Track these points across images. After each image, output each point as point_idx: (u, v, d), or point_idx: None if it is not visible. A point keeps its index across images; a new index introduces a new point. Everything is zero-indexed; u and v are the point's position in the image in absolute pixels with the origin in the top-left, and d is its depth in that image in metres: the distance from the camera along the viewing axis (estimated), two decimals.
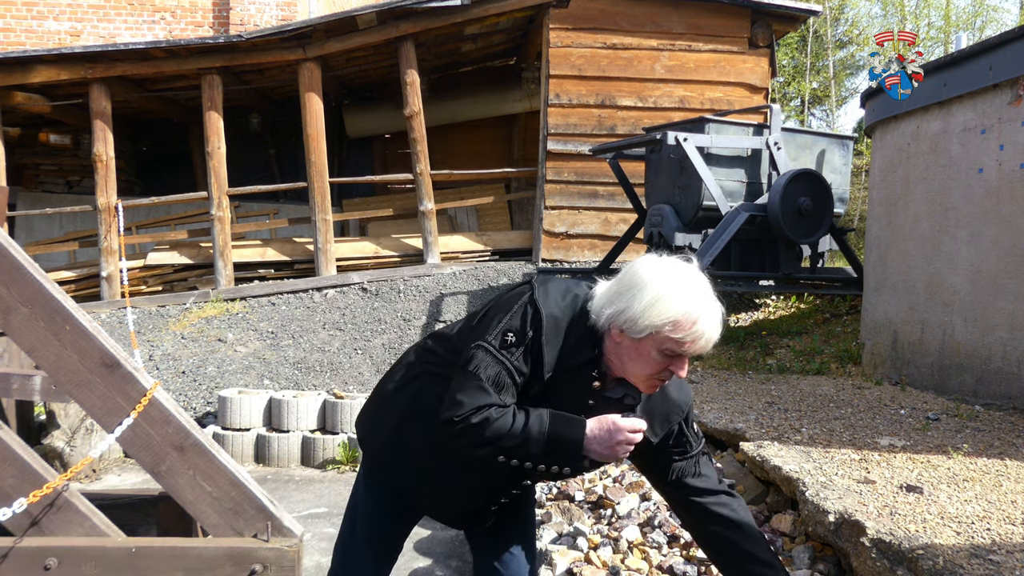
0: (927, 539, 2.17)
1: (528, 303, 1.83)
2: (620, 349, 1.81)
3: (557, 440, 1.79)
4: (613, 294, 1.81)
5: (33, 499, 2.22)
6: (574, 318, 1.84)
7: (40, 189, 11.78)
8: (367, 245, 9.90)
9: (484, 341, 1.81)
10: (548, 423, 1.79)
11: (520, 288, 1.89)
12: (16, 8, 11.36)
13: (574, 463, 1.83)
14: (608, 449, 1.81)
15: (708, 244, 6.62)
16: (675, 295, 1.73)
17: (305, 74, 9.21)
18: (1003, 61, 4.26)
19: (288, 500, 5.43)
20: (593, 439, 1.80)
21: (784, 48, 23.65)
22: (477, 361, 1.80)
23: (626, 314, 1.75)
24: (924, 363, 4.82)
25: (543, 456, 1.80)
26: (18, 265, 2.39)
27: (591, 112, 9.42)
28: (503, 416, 1.78)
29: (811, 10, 10.43)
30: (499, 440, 1.78)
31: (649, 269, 1.78)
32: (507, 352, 1.80)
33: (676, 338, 1.74)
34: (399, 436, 2.07)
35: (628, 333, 1.77)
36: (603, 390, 1.87)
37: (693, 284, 1.76)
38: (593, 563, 2.65)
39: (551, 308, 1.82)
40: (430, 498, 2.12)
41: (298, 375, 7.63)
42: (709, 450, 3.54)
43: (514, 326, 1.81)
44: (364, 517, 2.20)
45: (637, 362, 1.80)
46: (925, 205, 4.88)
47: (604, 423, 1.81)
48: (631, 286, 1.78)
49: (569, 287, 1.89)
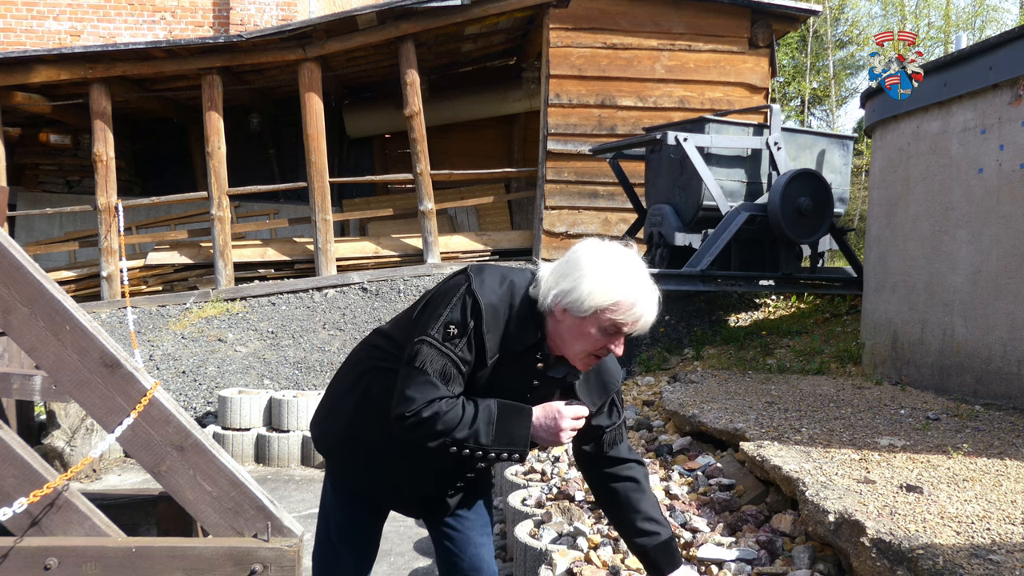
0: (927, 539, 2.17)
1: (467, 293, 1.90)
2: (562, 328, 1.91)
3: (505, 430, 1.89)
4: (559, 275, 1.90)
5: (33, 499, 2.22)
6: (513, 304, 1.93)
7: (40, 189, 11.78)
8: (367, 245, 9.90)
9: (427, 336, 1.88)
10: (496, 414, 1.89)
11: (456, 279, 1.96)
12: (16, 8, 11.35)
13: (522, 451, 1.93)
14: (553, 435, 1.93)
15: (708, 244, 6.62)
16: (617, 278, 1.86)
17: (305, 74, 9.21)
18: (1003, 61, 4.26)
19: (288, 500, 5.43)
20: (539, 427, 1.92)
21: (784, 48, 23.65)
22: (423, 356, 1.87)
23: (572, 294, 1.85)
24: (924, 363, 4.82)
25: (492, 445, 1.89)
26: (18, 265, 2.39)
27: (591, 112, 9.42)
28: (453, 408, 1.87)
29: (811, 10, 10.43)
30: (450, 432, 1.86)
31: (593, 253, 1.89)
32: (451, 344, 1.87)
33: (616, 318, 1.86)
34: (353, 433, 2.13)
35: (572, 312, 1.87)
36: (546, 370, 1.98)
37: (634, 269, 1.89)
38: (593, 563, 2.65)
39: (489, 297, 1.90)
40: (389, 490, 2.17)
41: (298, 375, 7.64)
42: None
43: (455, 318, 1.88)
44: (336, 521, 2.23)
45: (579, 340, 1.90)
46: (925, 205, 4.88)
47: (549, 412, 1.93)
48: (576, 268, 1.88)
49: (504, 274, 1.98)
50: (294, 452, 6.49)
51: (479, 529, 2.28)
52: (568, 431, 1.93)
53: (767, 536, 2.68)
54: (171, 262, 9.75)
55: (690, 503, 3.19)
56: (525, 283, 1.97)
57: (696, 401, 4.46)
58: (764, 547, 2.63)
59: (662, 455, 3.94)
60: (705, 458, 3.70)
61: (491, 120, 12.25)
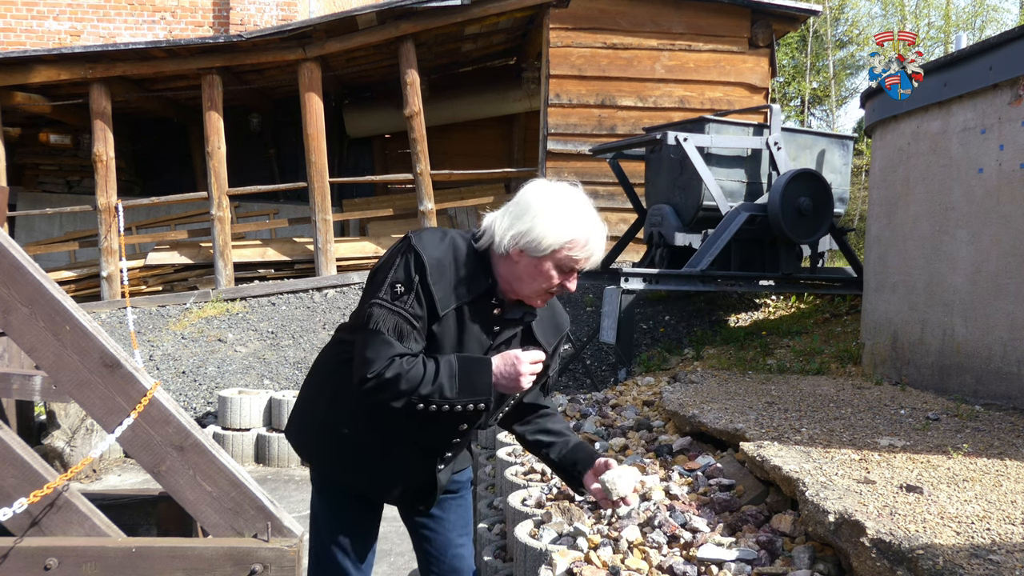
0: (927, 539, 2.17)
1: (407, 250, 1.95)
2: (519, 268, 1.97)
3: (468, 381, 1.95)
4: (513, 218, 1.96)
5: (33, 499, 2.22)
6: (458, 256, 1.98)
7: (40, 189, 11.79)
8: (367, 245, 9.90)
9: (377, 299, 1.93)
10: (457, 367, 1.95)
11: (396, 245, 2.01)
12: (16, 8, 11.35)
13: (486, 399, 1.98)
14: (514, 381, 1.98)
15: (708, 244, 6.62)
16: (573, 217, 1.93)
17: (305, 74, 9.21)
18: (1003, 61, 4.26)
19: (288, 500, 5.43)
20: (500, 375, 1.98)
21: (784, 48, 23.64)
22: (375, 318, 1.91)
23: (530, 235, 1.92)
24: (924, 363, 4.82)
25: (458, 398, 1.94)
26: (18, 265, 2.39)
27: (591, 112, 9.42)
28: (414, 367, 1.91)
29: (811, 10, 10.43)
30: (415, 390, 1.90)
31: (544, 194, 1.96)
32: (399, 302, 1.92)
33: (572, 255, 1.93)
34: (331, 431, 2.14)
35: (529, 252, 1.93)
36: (503, 314, 2.04)
37: (585, 207, 1.96)
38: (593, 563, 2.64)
39: (430, 251, 1.95)
40: (375, 481, 2.18)
41: (298, 375, 7.63)
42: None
43: (399, 277, 1.93)
44: (327, 524, 2.23)
45: (536, 279, 1.96)
46: (925, 205, 4.88)
47: (507, 359, 1.99)
48: (528, 210, 1.94)
49: (444, 232, 2.03)
50: (294, 452, 6.48)
51: (458, 530, 2.31)
52: (527, 376, 1.99)
53: (767, 536, 2.67)
54: (171, 262, 9.75)
55: (690, 503, 3.19)
56: (467, 237, 2.03)
57: (696, 401, 4.45)
58: (764, 547, 2.62)
59: (662, 455, 3.94)
60: (705, 458, 3.70)
61: (491, 120, 12.25)
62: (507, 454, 4.28)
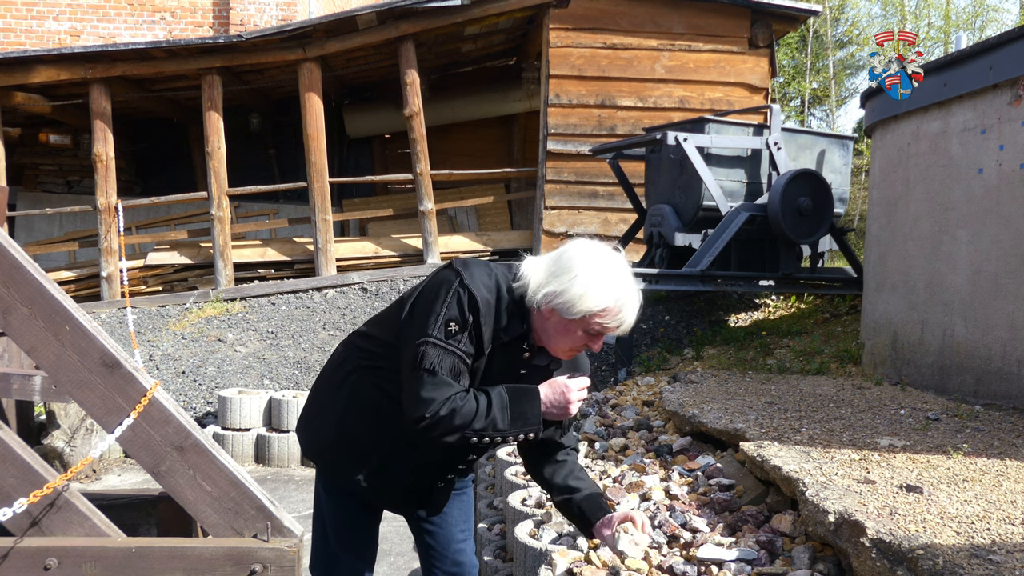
0: (927, 539, 2.17)
1: (460, 288, 1.93)
2: (548, 325, 1.98)
3: (519, 412, 1.97)
4: (549, 275, 1.95)
5: (33, 499, 2.22)
6: (501, 297, 1.98)
7: (40, 189, 11.78)
8: (367, 245, 9.90)
9: (430, 337, 1.91)
10: (508, 399, 1.97)
11: (444, 274, 1.99)
12: (16, 8, 11.35)
13: (536, 428, 2.01)
14: (563, 409, 2.02)
15: (708, 244, 6.62)
16: (608, 285, 1.91)
17: (305, 74, 9.21)
18: (1003, 61, 4.26)
19: (288, 500, 5.43)
20: (549, 403, 2.01)
21: (784, 48, 23.65)
22: (431, 358, 1.90)
23: (562, 297, 1.91)
24: (924, 363, 4.82)
25: (510, 429, 1.97)
26: (18, 265, 2.39)
27: (591, 112, 9.42)
28: (467, 402, 1.93)
29: (811, 10, 10.43)
30: (468, 425, 1.92)
31: (585, 257, 1.94)
32: (454, 341, 1.92)
33: (603, 323, 1.94)
34: (344, 432, 2.14)
35: (561, 313, 1.93)
36: (531, 359, 2.07)
37: (623, 275, 1.95)
38: (593, 563, 2.64)
39: (482, 291, 1.95)
40: (383, 487, 2.18)
41: (298, 375, 7.64)
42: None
43: (454, 315, 1.92)
44: (332, 524, 2.24)
45: (564, 337, 1.98)
46: (925, 205, 4.88)
47: (556, 387, 2.02)
48: (567, 271, 1.93)
49: (489, 269, 2.03)
50: (294, 452, 6.49)
51: (460, 525, 2.33)
52: (576, 402, 2.01)
53: (767, 536, 2.67)
54: (171, 262, 9.75)
55: (690, 503, 3.19)
56: (508, 277, 2.02)
57: (696, 401, 4.45)
58: (764, 547, 2.62)
59: (662, 455, 3.94)
60: (705, 458, 3.70)
61: (491, 120, 12.25)
62: (507, 454, 4.28)
